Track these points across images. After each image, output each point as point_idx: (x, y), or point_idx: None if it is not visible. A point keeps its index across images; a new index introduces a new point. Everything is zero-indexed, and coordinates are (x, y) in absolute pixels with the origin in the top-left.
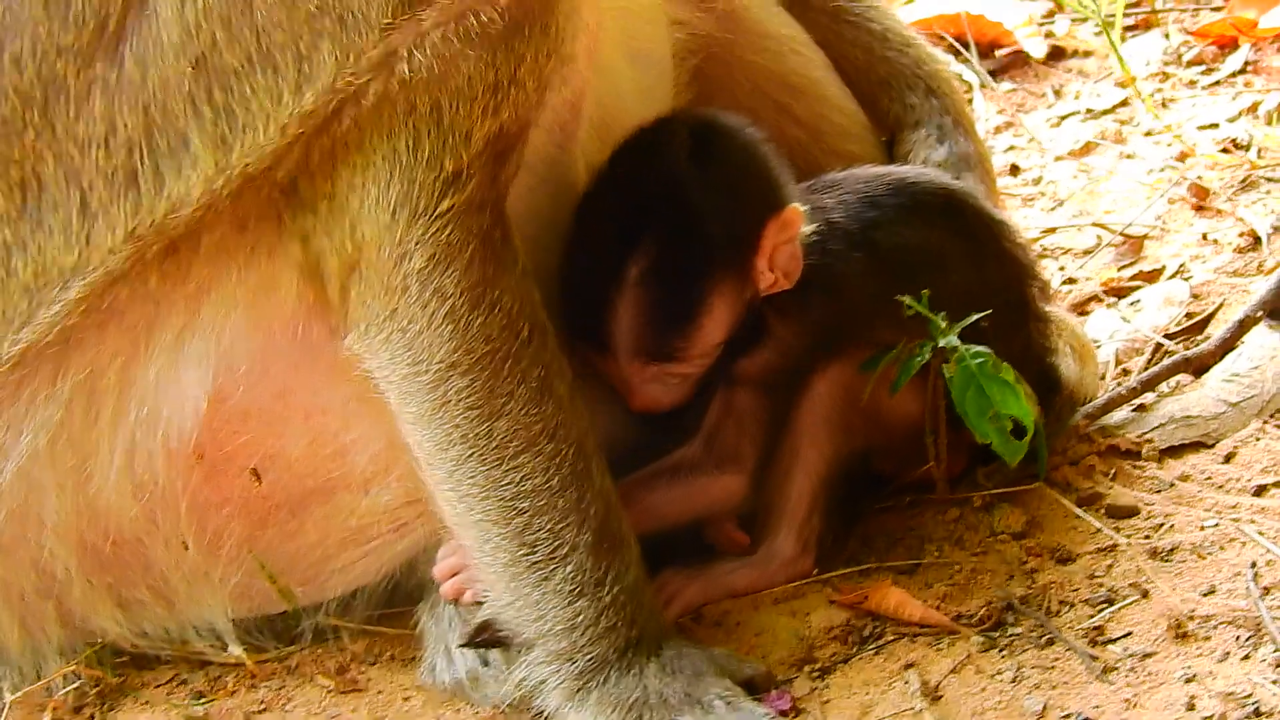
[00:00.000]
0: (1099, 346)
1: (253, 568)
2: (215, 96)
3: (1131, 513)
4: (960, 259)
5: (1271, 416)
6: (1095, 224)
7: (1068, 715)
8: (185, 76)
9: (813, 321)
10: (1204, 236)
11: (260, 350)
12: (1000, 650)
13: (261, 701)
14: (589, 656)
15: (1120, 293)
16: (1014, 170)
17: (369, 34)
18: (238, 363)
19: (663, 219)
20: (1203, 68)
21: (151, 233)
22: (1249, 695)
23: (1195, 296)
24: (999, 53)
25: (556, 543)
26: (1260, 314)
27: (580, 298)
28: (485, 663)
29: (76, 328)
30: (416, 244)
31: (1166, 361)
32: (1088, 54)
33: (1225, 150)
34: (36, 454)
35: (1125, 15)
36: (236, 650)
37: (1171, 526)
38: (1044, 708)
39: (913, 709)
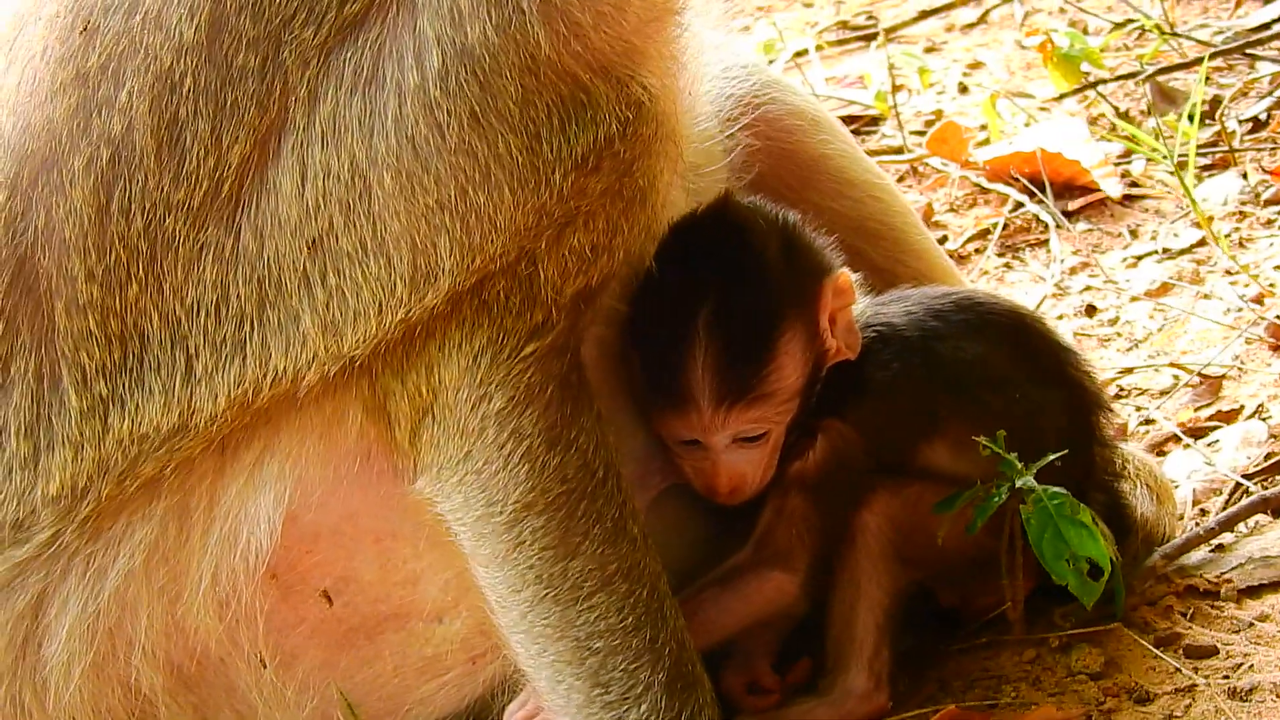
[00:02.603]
0: (1177, 487)
1: (330, 694)
2: (329, 280)
3: (1210, 653)
4: (1023, 382)
5: None
6: (1172, 364)
7: None
8: (302, 256)
9: (866, 423)
10: None
11: (331, 475)
12: None
13: None
14: None
15: (1198, 433)
16: (1090, 311)
17: (496, 238)
18: (310, 485)
19: (728, 265)
20: None
21: (250, 399)
22: None
23: (1274, 436)
24: (1075, 195)
25: (631, 682)
26: None
27: (657, 354)
28: None
29: (170, 468)
30: (498, 386)
31: (1245, 501)
32: (1164, 194)
33: None
34: (133, 572)
35: (1202, 154)
36: None
37: (1251, 666)
38: None
39: None
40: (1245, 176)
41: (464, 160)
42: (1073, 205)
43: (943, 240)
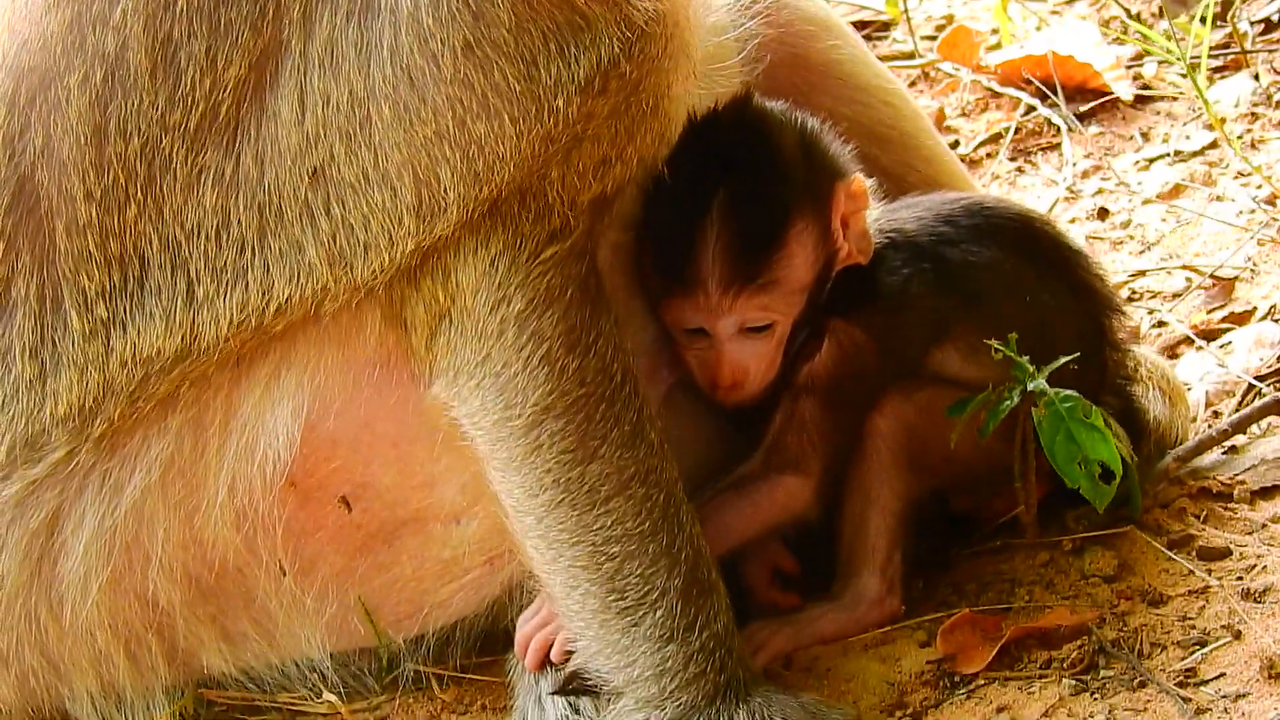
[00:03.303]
0: (1190, 389)
1: (349, 600)
2: (333, 210)
3: (1223, 554)
4: (1034, 284)
5: None
6: (1185, 267)
7: None
8: (303, 185)
9: (877, 328)
10: None
11: (350, 384)
12: (1092, 694)
13: None
14: (678, 703)
15: (1211, 335)
16: (1102, 214)
17: (502, 168)
18: (329, 395)
19: (744, 155)
20: None
21: (254, 324)
22: None
23: None
24: (1086, 98)
25: (646, 588)
26: None
27: (669, 237)
28: (576, 710)
29: (185, 386)
30: (517, 288)
31: (1258, 403)
32: (1176, 96)
33: None
34: (149, 487)
35: (1214, 56)
36: (330, 697)
37: (1264, 568)
38: None
39: None
40: (1257, 78)
41: (460, 91)
42: (1084, 108)
43: (954, 145)
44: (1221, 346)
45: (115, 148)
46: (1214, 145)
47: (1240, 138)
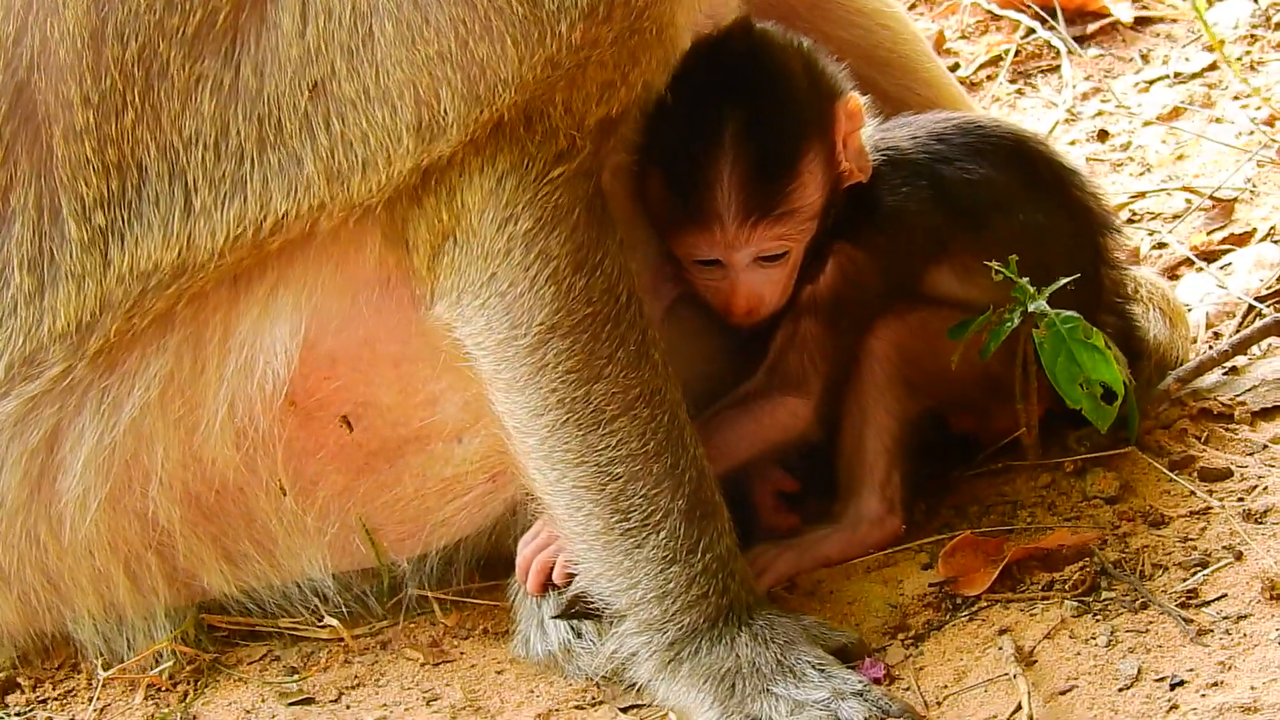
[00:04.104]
0: (1190, 310)
1: (350, 520)
2: (333, 125)
3: (1224, 475)
4: (1027, 203)
5: None
6: (1184, 188)
7: (1162, 678)
8: (303, 98)
9: (877, 246)
10: None
11: (349, 304)
12: (1094, 615)
13: (355, 676)
14: (680, 625)
15: (1211, 256)
16: (1102, 136)
17: (504, 91)
18: (327, 315)
19: (752, 85)
20: None
21: (251, 238)
22: None
23: None
24: (1086, 20)
25: (650, 509)
26: None
27: (682, 169)
28: (578, 635)
29: (182, 303)
30: (524, 208)
31: (1258, 324)
32: (1175, 18)
33: None
34: (149, 405)
35: None
36: (332, 621)
37: (1265, 488)
38: (1138, 671)
39: (1007, 674)
40: (1256, 0)
41: (463, 11)
42: (1084, 30)
43: (954, 68)
44: (1221, 268)
45: (112, 52)
46: (1213, 67)
47: (1239, 59)
